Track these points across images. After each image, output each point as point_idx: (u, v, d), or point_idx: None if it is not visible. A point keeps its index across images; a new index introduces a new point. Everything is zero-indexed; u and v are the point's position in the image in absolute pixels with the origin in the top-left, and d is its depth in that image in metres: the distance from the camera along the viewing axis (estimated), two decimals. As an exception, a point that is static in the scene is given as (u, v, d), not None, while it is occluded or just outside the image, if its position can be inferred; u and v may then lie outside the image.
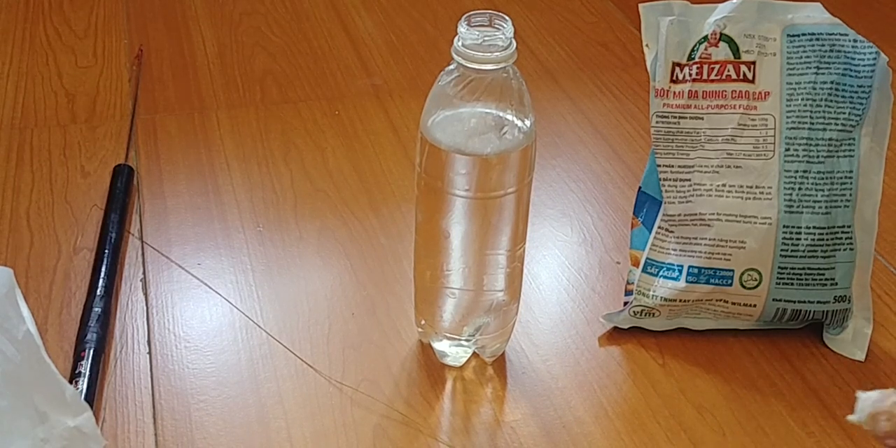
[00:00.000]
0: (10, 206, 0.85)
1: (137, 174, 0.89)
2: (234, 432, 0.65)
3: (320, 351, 0.71)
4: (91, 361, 0.67)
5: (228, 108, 0.99)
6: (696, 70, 0.69)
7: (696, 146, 0.69)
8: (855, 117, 0.69)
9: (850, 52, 0.68)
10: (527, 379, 0.70)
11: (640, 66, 0.75)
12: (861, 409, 0.37)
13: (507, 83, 0.58)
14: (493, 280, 0.65)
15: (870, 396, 0.37)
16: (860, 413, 0.37)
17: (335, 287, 0.78)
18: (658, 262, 0.72)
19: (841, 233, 0.70)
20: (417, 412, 0.66)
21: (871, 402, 0.37)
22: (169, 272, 0.78)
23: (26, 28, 1.13)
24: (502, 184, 0.61)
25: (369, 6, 1.20)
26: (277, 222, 0.84)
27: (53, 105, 0.99)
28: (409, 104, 1.00)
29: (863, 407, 0.37)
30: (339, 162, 0.92)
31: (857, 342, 0.72)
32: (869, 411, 0.37)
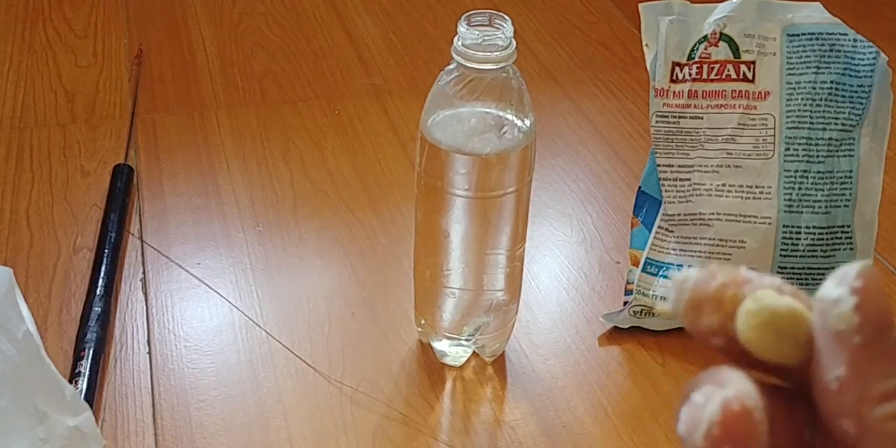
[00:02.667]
0: (10, 206, 0.85)
1: (137, 174, 0.89)
2: (234, 432, 0.65)
3: (320, 351, 0.71)
4: (91, 361, 0.67)
5: (228, 107, 0.99)
6: (695, 70, 0.69)
7: (695, 146, 0.69)
8: (855, 117, 0.69)
9: (849, 51, 0.68)
10: (527, 379, 0.70)
11: (640, 66, 0.75)
12: (677, 294, 0.25)
13: (507, 83, 0.58)
14: (493, 280, 0.65)
15: (688, 277, 0.25)
16: (676, 301, 0.25)
17: (335, 287, 0.77)
18: (658, 262, 0.72)
19: (841, 232, 0.70)
20: (417, 412, 0.66)
21: (690, 284, 0.25)
22: (169, 272, 0.78)
23: (26, 28, 1.13)
24: (502, 183, 0.61)
25: (369, 6, 1.20)
26: (277, 222, 0.84)
27: (53, 105, 0.99)
28: (409, 104, 1.00)
29: (679, 291, 0.25)
30: (338, 162, 0.92)
31: (856, 342, 0.72)
32: (687, 298, 0.25)
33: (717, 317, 0.25)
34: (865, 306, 0.23)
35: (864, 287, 0.23)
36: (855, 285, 0.23)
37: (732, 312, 0.24)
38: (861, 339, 0.23)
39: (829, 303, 0.24)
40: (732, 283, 0.25)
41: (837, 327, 0.23)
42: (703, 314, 0.25)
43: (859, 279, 0.23)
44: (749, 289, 0.25)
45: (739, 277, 0.25)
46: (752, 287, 0.25)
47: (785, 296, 0.25)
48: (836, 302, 0.23)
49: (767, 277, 0.25)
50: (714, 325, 0.25)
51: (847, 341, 0.23)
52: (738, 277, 0.25)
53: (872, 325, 0.23)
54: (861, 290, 0.23)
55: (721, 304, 0.25)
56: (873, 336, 0.23)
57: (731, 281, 0.25)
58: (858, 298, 0.23)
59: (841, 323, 0.23)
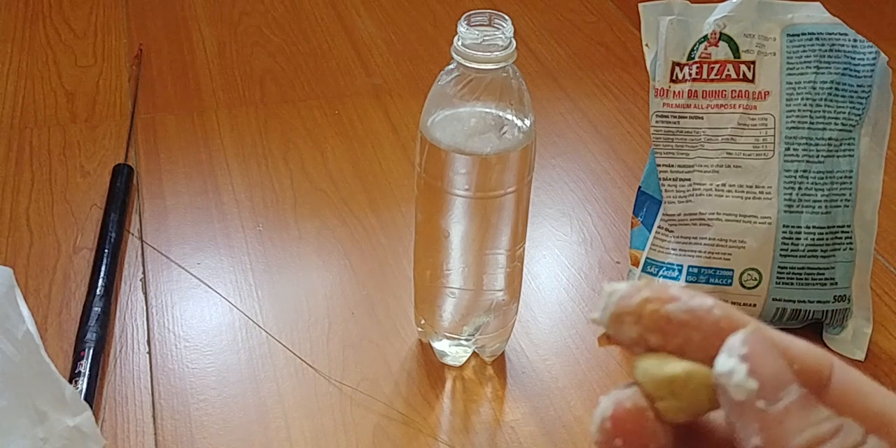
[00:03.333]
0: (10, 206, 0.85)
1: (137, 174, 0.89)
2: (234, 432, 0.65)
3: (320, 350, 0.71)
4: (91, 361, 0.67)
5: (228, 107, 0.99)
6: (695, 70, 0.68)
7: (695, 146, 0.69)
8: (855, 117, 0.69)
9: (849, 51, 0.68)
10: (526, 378, 0.70)
11: (640, 66, 0.75)
12: (604, 305, 0.26)
13: (507, 83, 0.58)
14: (493, 279, 0.65)
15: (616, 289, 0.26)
16: (602, 311, 0.26)
17: (335, 286, 0.77)
18: (658, 262, 0.72)
19: (841, 232, 0.70)
20: (417, 412, 0.66)
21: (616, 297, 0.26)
22: (168, 272, 0.78)
23: (26, 28, 1.13)
24: (502, 183, 0.61)
25: (369, 6, 1.20)
26: (277, 222, 0.84)
27: (53, 105, 0.99)
28: (409, 104, 1.00)
29: (606, 303, 0.26)
30: (338, 162, 0.92)
31: (856, 342, 0.72)
32: (612, 310, 0.26)
33: (636, 329, 0.26)
34: (758, 370, 0.24)
35: (751, 352, 0.24)
36: (742, 353, 0.24)
37: (651, 326, 0.26)
38: (764, 402, 0.24)
39: (724, 377, 0.24)
40: (656, 299, 0.26)
41: (739, 398, 0.24)
42: (624, 325, 0.26)
43: (745, 346, 0.24)
44: (674, 307, 0.26)
45: (665, 295, 0.26)
46: (677, 306, 0.26)
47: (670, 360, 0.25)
48: (729, 374, 0.24)
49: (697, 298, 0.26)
50: (633, 335, 0.26)
51: (752, 409, 0.24)
52: (662, 295, 0.26)
53: (771, 387, 0.24)
54: (749, 356, 0.24)
55: (640, 317, 0.26)
56: (775, 396, 0.24)
57: (654, 297, 0.26)
58: (749, 364, 0.24)
59: (741, 393, 0.24)
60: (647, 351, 0.26)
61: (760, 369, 0.24)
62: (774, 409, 0.24)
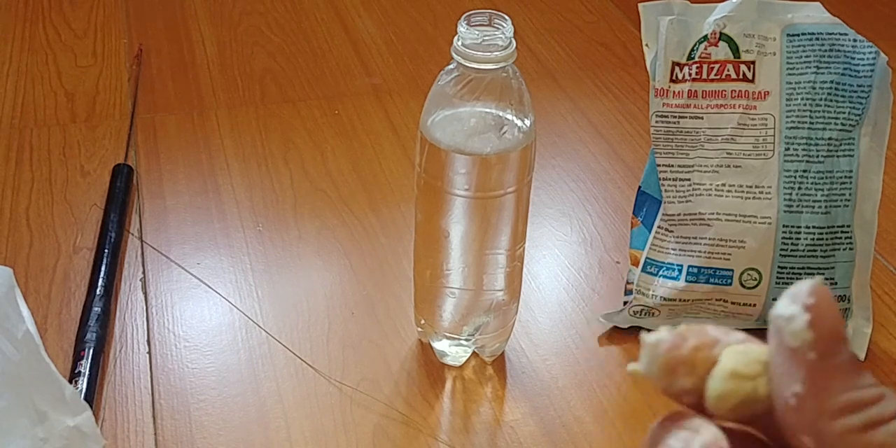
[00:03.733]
0: (10, 206, 0.85)
1: (137, 174, 0.89)
2: (233, 432, 0.65)
3: (320, 350, 0.71)
4: (91, 361, 0.67)
5: (228, 107, 0.99)
6: (695, 69, 0.68)
7: (695, 146, 0.69)
8: (854, 117, 0.69)
9: (849, 51, 0.68)
10: (526, 378, 0.70)
11: (640, 66, 0.75)
12: (651, 358, 0.26)
13: (507, 83, 0.58)
14: (493, 279, 0.65)
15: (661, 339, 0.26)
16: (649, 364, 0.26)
17: (335, 286, 0.77)
18: (658, 262, 0.72)
19: (840, 232, 0.70)
20: (417, 412, 0.66)
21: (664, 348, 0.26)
22: (168, 272, 0.78)
23: (26, 28, 1.13)
24: (502, 183, 0.61)
25: (369, 6, 1.20)
26: (277, 222, 0.84)
27: (53, 105, 0.99)
28: (409, 104, 1.00)
29: (653, 355, 0.26)
30: (338, 161, 0.92)
31: (856, 342, 0.72)
32: (662, 361, 0.26)
33: (690, 379, 0.26)
34: (819, 323, 0.24)
35: (817, 304, 0.24)
36: (807, 302, 0.24)
37: (705, 374, 0.25)
38: (816, 355, 0.23)
39: (782, 320, 0.24)
40: (703, 345, 0.26)
41: (792, 344, 0.24)
42: (678, 377, 0.26)
43: (811, 296, 0.24)
44: (719, 349, 0.26)
45: (708, 339, 0.26)
46: (721, 347, 0.26)
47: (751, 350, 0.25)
48: (789, 319, 0.24)
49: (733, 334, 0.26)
50: (688, 386, 0.26)
51: (802, 358, 0.24)
52: (707, 339, 0.26)
53: (826, 341, 0.24)
54: (813, 308, 0.24)
55: (694, 367, 0.26)
56: (827, 352, 0.23)
57: (701, 344, 0.26)
58: (811, 315, 0.24)
59: (795, 340, 0.24)
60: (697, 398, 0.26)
61: (820, 322, 0.24)
62: (824, 364, 0.23)
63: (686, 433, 0.25)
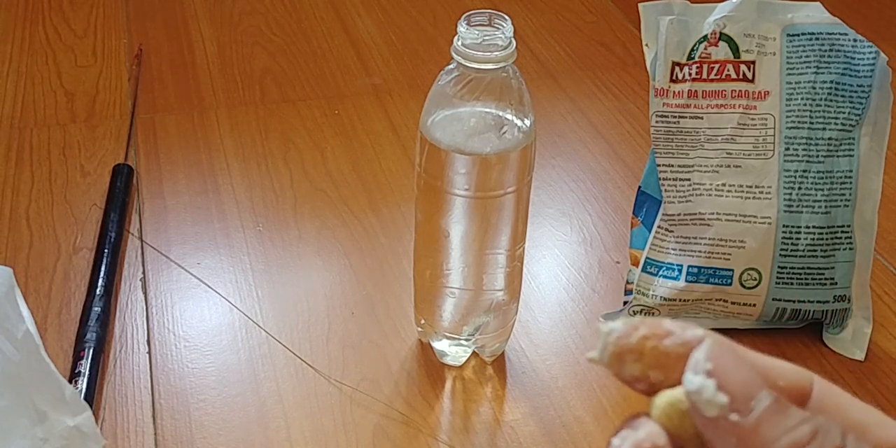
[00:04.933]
0: (10, 206, 0.85)
1: (137, 174, 0.89)
2: (233, 432, 0.65)
3: (320, 350, 0.71)
4: (90, 361, 0.67)
5: (228, 107, 0.99)
6: (695, 69, 0.68)
7: (695, 146, 0.69)
8: (854, 117, 0.69)
9: (849, 51, 0.68)
10: (526, 378, 0.70)
11: (640, 66, 0.75)
12: (603, 345, 0.27)
13: (507, 82, 0.58)
14: (493, 279, 0.65)
15: (613, 329, 0.27)
16: (602, 351, 0.27)
17: (334, 286, 0.77)
18: (658, 262, 0.72)
19: (840, 232, 0.70)
20: (417, 411, 0.66)
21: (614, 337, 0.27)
22: (168, 271, 0.78)
23: (26, 28, 1.13)
24: (502, 183, 0.61)
25: (369, 6, 1.20)
26: (277, 222, 0.84)
27: (53, 104, 0.99)
28: (409, 104, 1.00)
29: (605, 343, 0.27)
30: (338, 161, 0.92)
31: (856, 342, 0.72)
32: (612, 349, 0.27)
33: (638, 366, 0.26)
34: (726, 383, 0.24)
35: (716, 366, 0.24)
36: (707, 368, 0.24)
37: (653, 363, 0.26)
38: (737, 414, 0.24)
39: (694, 395, 0.24)
40: (653, 335, 0.27)
41: (712, 414, 0.24)
42: (626, 364, 0.27)
43: (708, 361, 0.24)
44: (670, 341, 0.26)
45: (660, 330, 0.26)
46: (672, 340, 0.26)
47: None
48: (699, 391, 0.24)
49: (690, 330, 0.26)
50: (636, 373, 0.26)
51: (727, 424, 0.24)
52: (658, 330, 0.27)
53: (741, 397, 0.24)
54: (714, 371, 0.24)
55: (642, 355, 0.27)
56: (746, 406, 0.24)
57: (652, 334, 0.27)
58: (716, 379, 0.24)
59: (713, 409, 0.24)
60: (648, 386, 0.27)
61: (728, 381, 0.24)
62: (748, 420, 0.24)
63: (627, 431, 0.26)
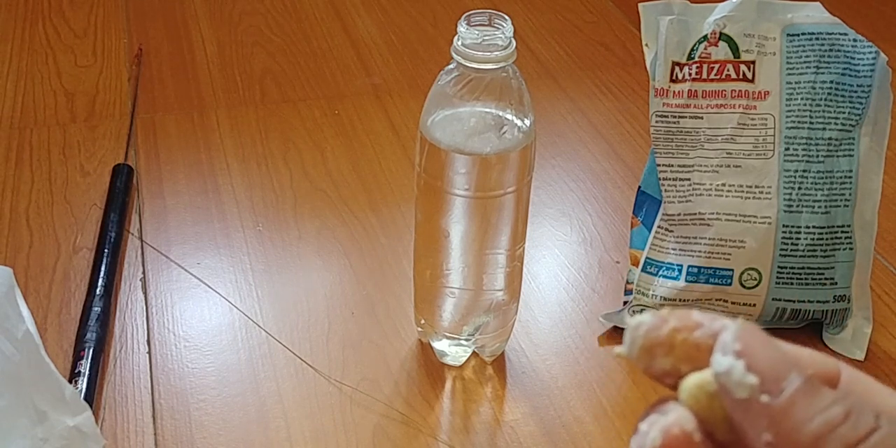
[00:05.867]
0: (10, 206, 0.85)
1: (137, 173, 0.89)
2: (233, 432, 0.65)
3: (320, 350, 0.71)
4: (90, 361, 0.67)
5: (228, 107, 0.99)
6: (695, 69, 0.68)
7: (695, 146, 0.69)
8: (854, 117, 0.69)
9: (849, 51, 0.68)
10: (526, 378, 0.70)
11: (640, 66, 0.75)
12: (632, 339, 0.27)
13: (507, 82, 0.58)
14: (493, 279, 0.65)
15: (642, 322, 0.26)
16: (630, 345, 0.27)
17: (334, 286, 0.77)
18: (657, 262, 0.72)
19: (840, 232, 0.70)
20: (417, 411, 0.66)
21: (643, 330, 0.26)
22: (168, 271, 0.78)
23: (26, 28, 1.13)
24: (502, 183, 0.61)
25: (369, 6, 1.20)
26: (277, 222, 0.84)
27: (53, 104, 0.99)
28: (409, 103, 1.00)
29: (633, 337, 0.26)
30: (338, 161, 0.92)
31: (856, 342, 0.72)
32: (641, 343, 0.26)
33: (668, 360, 0.26)
34: (755, 363, 0.24)
35: (744, 346, 0.24)
36: (736, 349, 0.24)
37: (683, 356, 0.26)
38: (768, 396, 0.23)
39: (723, 376, 0.24)
40: (683, 328, 0.26)
41: (743, 395, 0.24)
42: (657, 358, 0.26)
43: (736, 342, 0.24)
44: (700, 333, 0.26)
45: (690, 322, 0.26)
46: (703, 332, 0.26)
47: None
48: (727, 373, 0.24)
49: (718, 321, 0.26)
50: (667, 367, 0.26)
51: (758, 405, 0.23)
52: (688, 322, 0.26)
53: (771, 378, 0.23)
54: (743, 352, 0.24)
55: (672, 348, 0.26)
56: (778, 387, 0.23)
57: (682, 326, 0.26)
58: (745, 359, 0.24)
59: (743, 391, 0.24)
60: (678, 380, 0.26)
61: (757, 362, 0.24)
62: (779, 401, 0.23)
63: (656, 416, 0.25)
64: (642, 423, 0.25)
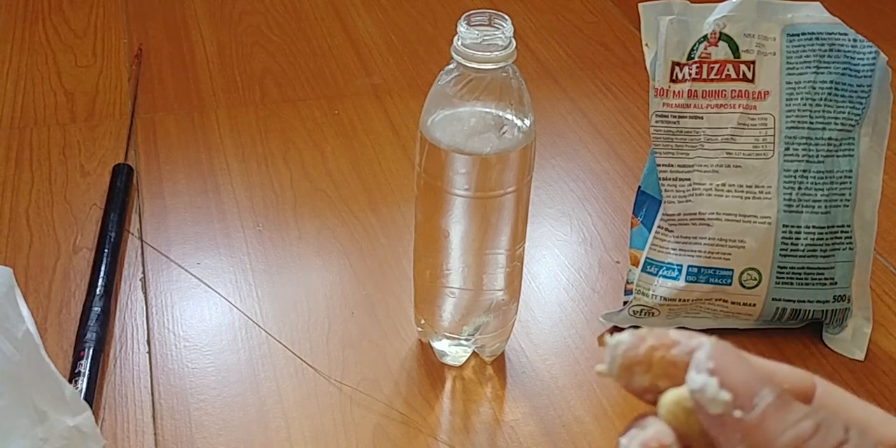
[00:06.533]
0: (10, 206, 0.85)
1: (137, 173, 0.89)
2: (233, 432, 0.65)
3: (320, 350, 0.71)
4: (90, 361, 0.67)
5: (228, 107, 0.99)
6: (695, 69, 0.68)
7: (695, 145, 0.69)
8: (854, 117, 0.69)
9: (849, 51, 0.68)
10: (526, 378, 0.70)
11: (640, 66, 0.75)
12: (611, 358, 0.28)
13: (507, 82, 0.58)
14: (493, 279, 0.65)
15: (620, 341, 0.27)
16: (611, 363, 0.28)
17: (334, 286, 0.77)
18: (657, 262, 0.72)
19: (840, 232, 0.70)
20: (417, 411, 0.66)
21: (622, 349, 0.27)
22: (168, 271, 0.78)
23: (26, 28, 1.13)
24: (502, 183, 0.61)
25: (369, 6, 1.20)
26: (277, 222, 0.84)
27: (53, 104, 0.99)
28: (409, 103, 1.00)
29: (613, 356, 0.28)
30: (338, 161, 0.92)
31: (856, 341, 0.72)
32: (620, 361, 0.27)
33: (647, 377, 0.27)
34: (728, 380, 0.24)
35: (718, 364, 0.25)
36: (709, 367, 0.25)
37: (661, 373, 0.27)
38: (741, 411, 0.24)
39: (698, 393, 0.25)
40: (661, 346, 0.27)
41: (717, 411, 0.24)
42: (635, 375, 0.27)
43: (710, 359, 0.25)
44: (677, 351, 0.26)
45: (668, 340, 0.27)
46: (679, 349, 0.26)
47: None
48: (702, 389, 0.25)
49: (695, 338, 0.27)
50: (646, 384, 0.27)
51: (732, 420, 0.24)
52: (665, 341, 0.27)
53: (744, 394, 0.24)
54: (717, 370, 0.25)
55: (650, 366, 0.27)
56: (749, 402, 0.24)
57: (659, 344, 0.27)
58: (719, 377, 0.25)
59: (717, 407, 0.24)
60: (657, 396, 0.27)
61: (730, 379, 0.24)
62: (751, 416, 0.24)
63: (636, 430, 0.26)
64: (622, 437, 0.26)
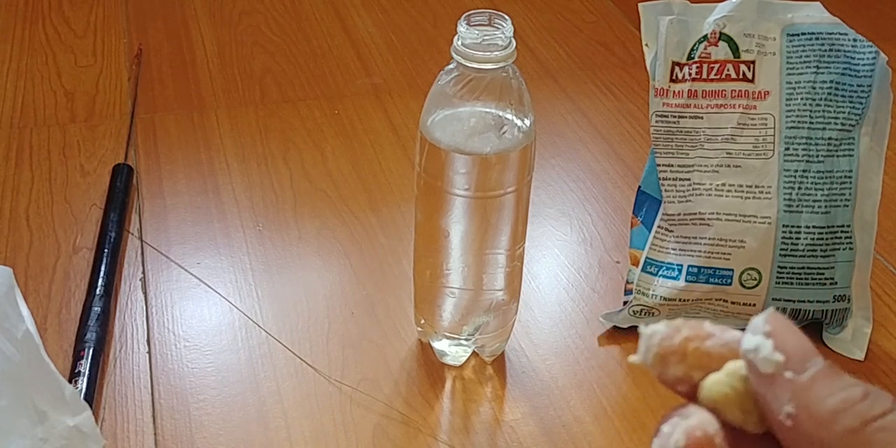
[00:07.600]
0: (10, 206, 0.85)
1: (137, 173, 0.89)
2: (233, 432, 0.65)
3: (320, 350, 0.71)
4: (90, 361, 0.67)
5: (228, 107, 0.99)
6: (695, 69, 0.68)
7: (695, 145, 0.69)
8: (854, 117, 0.69)
9: (849, 51, 0.68)
10: (526, 378, 0.70)
11: (640, 66, 0.75)
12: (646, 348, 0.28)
13: (507, 82, 0.58)
14: (493, 279, 0.65)
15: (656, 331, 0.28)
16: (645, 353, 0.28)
17: (334, 286, 0.77)
18: (657, 262, 0.72)
19: (840, 232, 0.70)
20: (417, 411, 0.66)
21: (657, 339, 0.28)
22: (168, 271, 0.78)
23: (26, 27, 1.13)
24: (502, 183, 0.61)
25: (369, 6, 1.20)
26: (277, 222, 0.84)
27: (53, 104, 0.99)
28: (409, 103, 1.00)
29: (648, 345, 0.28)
30: (338, 161, 0.92)
31: (856, 341, 0.72)
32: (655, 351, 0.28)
33: (681, 367, 0.28)
34: (783, 343, 0.25)
35: (775, 329, 0.26)
36: (766, 330, 0.26)
37: (695, 364, 0.27)
38: (792, 372, 0.25)
39: (751, 353, 0.26)
40: (696, 337, 0.28)
41: (767, 371, 0.25)
42: (670, 365, 0.28)
43: (767, 324, 0.26)
44: (711, 342, 0.27)
45: (702, 332, 0.28)
46: (714, 341, 0.27)
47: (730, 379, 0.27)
48: (756, 350, 0.26)
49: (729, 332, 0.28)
50: (679, 374, 0.28)
51: (782, 380, 0.25)
52: (700, 332, 0.28)
53: (797, 357, 0.25)
54: (773, 333, 0.26)
55: (685, 356, 0.28)
56: (802, 366, 0.25)
57: (694, 335, 0.28)
58: (774, 339, 0.25)
59: (769, 366, 0.25)
60: (690, 388, 0.27)
61: (784, 344, 0.25)
62: (803, 378, 0.25)
63: (677, 419, 0.27)
64: (664, 424, 0.27)
